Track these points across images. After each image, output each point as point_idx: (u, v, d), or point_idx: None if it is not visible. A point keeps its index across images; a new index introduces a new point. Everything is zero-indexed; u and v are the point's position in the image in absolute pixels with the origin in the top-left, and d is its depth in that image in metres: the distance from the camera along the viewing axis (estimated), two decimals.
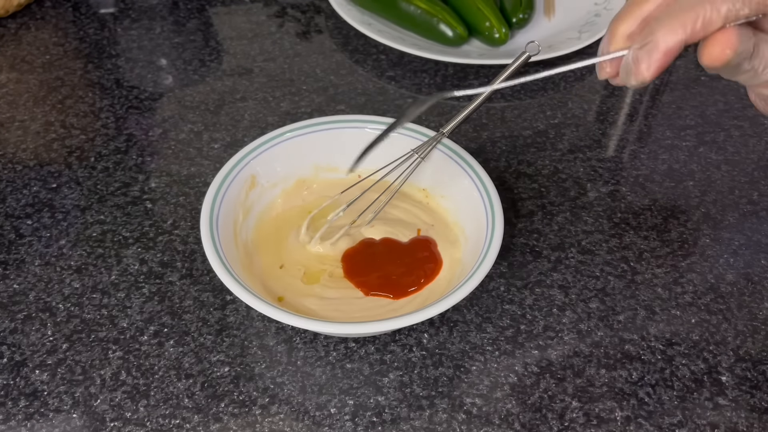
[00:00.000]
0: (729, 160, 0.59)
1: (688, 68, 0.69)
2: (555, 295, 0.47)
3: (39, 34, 0.70)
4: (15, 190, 0.53)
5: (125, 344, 0.44)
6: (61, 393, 0.41)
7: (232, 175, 0.46)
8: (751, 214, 0.54)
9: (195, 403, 0.41)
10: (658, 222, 0.53)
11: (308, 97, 0.63)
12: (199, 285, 0.47)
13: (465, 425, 0.40)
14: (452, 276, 0.45)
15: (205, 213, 0.43)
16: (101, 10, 0.73)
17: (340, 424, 0.40)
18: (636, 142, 0.61)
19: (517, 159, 0.58)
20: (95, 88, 0.63)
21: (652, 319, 0.46)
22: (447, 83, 0.66)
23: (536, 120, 0.62)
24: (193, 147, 0.58)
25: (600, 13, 0.73)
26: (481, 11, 0.68)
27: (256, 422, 0.40)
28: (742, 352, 0.45)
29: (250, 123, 0.60)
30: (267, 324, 0.45)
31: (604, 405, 0.42)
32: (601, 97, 0.65)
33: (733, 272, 0.50)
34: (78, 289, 0.47)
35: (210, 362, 0.43)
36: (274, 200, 0.50)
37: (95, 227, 0.51)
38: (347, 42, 0.71)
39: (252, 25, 0.72)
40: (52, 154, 0.57)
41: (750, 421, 0.41)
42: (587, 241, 0.51)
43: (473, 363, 0.43)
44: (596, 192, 0.55)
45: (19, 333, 0.44)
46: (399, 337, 0.45)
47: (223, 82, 0.65)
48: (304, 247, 0.47)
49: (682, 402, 0.42)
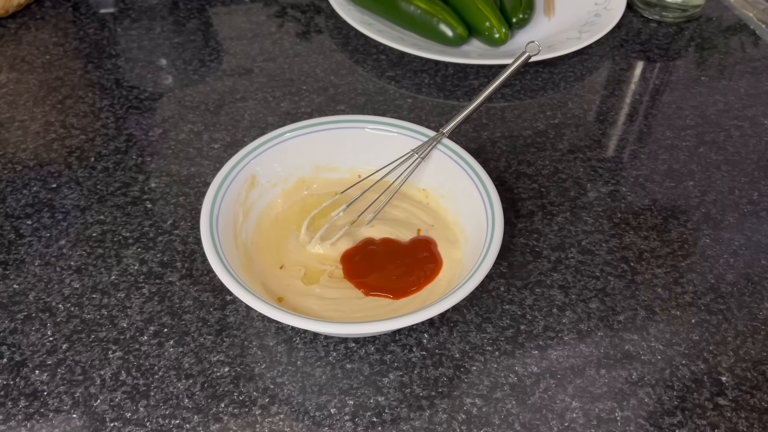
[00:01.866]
0: (729, 160, 0.59)
1: (688, 68, 0.69)
2: (555, 295, 0.47)
3: (39, 34, 0.70)
4: (15, 190, 0.53)
5: (125, 344, 0.44)
6: (61, 393, 0.41)
7: (232, 175, 0.46)
8: (751, 214, 0.54)
9: (195, 404, 0.41)
10: (658, 222, 0.53)
11: (308, 97, 0.63)
12: (199, 285, 0.47)
13: (465, 425, 0.40)
14: (452, 276, 0.45)
15: (205, 213, 0.43)
16: (101, 10, 0.73)
17: (340, 424, 0.40)
18: (636, 142, 0.61)
19: (517, 159, 0.58)
20: (95, 88, 0.63)
21: (652, 319, 0.46)
22: (447, 83, 0.66)
23: (536, 120, 0.62)
24: (193, 147, 0.58)
25: (600, 13, 0.73)
26: (481, 11, 0.68)
27: (256, 422, 0.40)
28: (742, 352, 0.45)
29: (250, 123, 0.60)
30: (267, 324, 0.45)
31: (604, 405, 0.42)
32: (601, 97, 0.65)
33: (733, 272, 0.50)
34: (78, 289, 0.47)
35: (210, 362, 0.43)
36: (274, 200, 0.50)
37: (95, 227, 0.51)
38: (347, 42, 0.71)
39: (252, 25, 0.72)
40: (52, 154, 0.57)
41: (750, 421, 0.41)
42: (587, 241, 0.51)
43: (473, 363, 0.43)
44: (596, 192, 0.55)
45: (19, 333, 0.44)
46: (399, 337, 0.45)
47: (223, 82, 0.65)
48: (304, 248, 0.47)
49: (682, 402, 0.42)
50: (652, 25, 0.75)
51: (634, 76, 0.68)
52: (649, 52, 0.71)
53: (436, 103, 0.63)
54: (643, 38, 0.73)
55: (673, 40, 0.73)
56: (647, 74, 0.69)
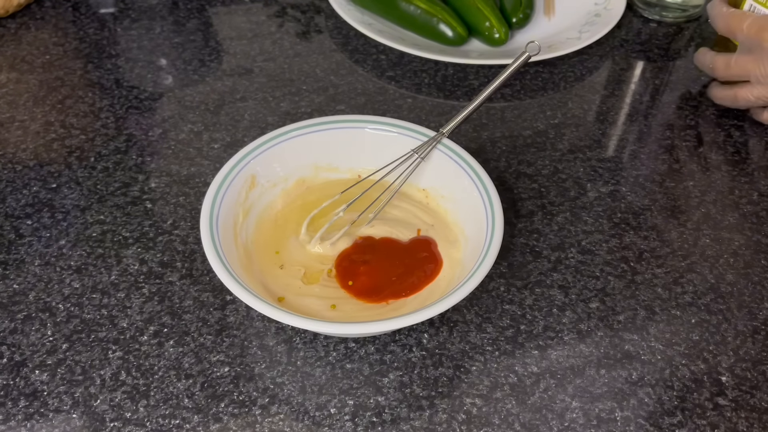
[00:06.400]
0: (729, 160, 0.59)
1: (688, 68, 0.69)
2: (555, 295, 0.47)
3: (39, 34, 0.70)
4: (15, 190, 0.53)
5: (125, 344, 0.44)
6: (61, 393, 0.41)
7: (232, 175, 0.46)
8: (751, 214, 0.54)
9: (195, 403, 0.41)
10: (658, 222, 0.53)
11: (308, 97, 0.63)
12: (199, 285, 0.47)
13: (465, 425, 0.40)
14: (452, 276, 0.45)
15: (205, 213, 0.43)
16: (101, 10, 0.73)
17: (340, 424, 0.40)
18: (636, 142, 0.61)
19: (517, 159, 0.58)
20: (95, 88, 0.63)
21: (652, 319, 0.46)
22: (447, 83, 0.66)
23: (536, 120, 0.62)
24: (193, 147, 0.58)
25: (600, 13, 0.73)
26: (481, 11, 0.68)
27: (256, 422, 0.40)
28: (742, 352, 0.45)
29: (250, 123, 0.60)
30: (267, 324, 0.45)
31: (604, 405, 0.42)
32: (601, 97, 0.65)
33: (733, 272, 0.50)
34: (78, 289, 0.47)
35: (210, 362, 0.43)
36: (274, 200, 0.50)
37: (95, 227, 0.51)
38: (347, 42, 0.71)
39: (252, 25, 0.72)
40: (52, 154, 0.57)
41: (750, 421, 0.41)
42: (587, 241, 0.51)
43: (473, 363, 0.43)
44: (596, 192, 0.55)
45: (19, 333, 0.44)
46: (399, 337, 0.45)
47: (223, 82, 0.65)
48: (304, 247, 0.47)
49: (682, 402, 0.42)
50: (652, 25, 0.75)
51: (634, 76, 0.68)
52: (649, 52, 0.71)
53: (436, 103, 0.63)
54: (643, 38, 0.73)
55: (673, 40, 0.73)
56: (647, 74, 0.69)
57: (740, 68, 0.58)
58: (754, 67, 0.56)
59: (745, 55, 0.57)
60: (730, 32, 0.59)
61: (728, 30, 0.59)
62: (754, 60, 0.56)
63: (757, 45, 0.56)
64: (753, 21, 0.56)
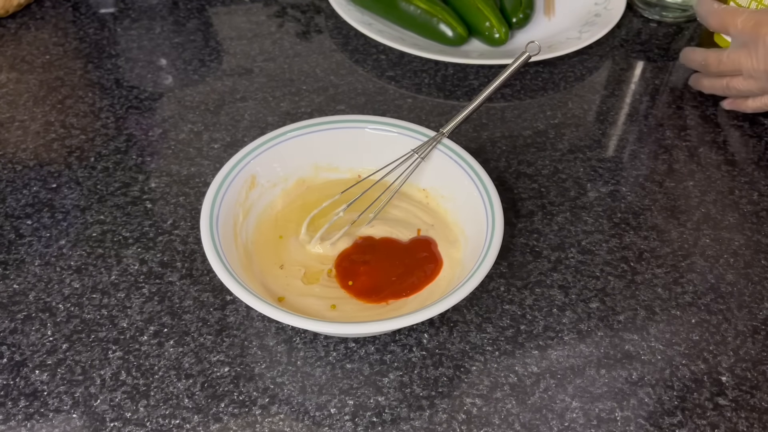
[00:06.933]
0: (729, 160, 0.59)
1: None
2: (555, 295, 0.47)
3: (39, 34, 0.70)
4: (15, 190, 0.53)
5: (125, 344, 0.44)
6: (61, 393, 0.41)
7: (232, 175, 0.46)
8: (751, 214, 0.54)
9: (195, 403, 0.41)
10: (658, 222, 0.53)
11: (308, 97, 0.63)
12: (199, 285, 0.47)
13: (465, 425, 0.40)
14: (452, 276, 0.45)
15: (205, 213, 0.43)
16: (101, 10, 0.73)
17: (340, 424, 0.40)
18: (636, 142, 0.61)
19: (517, 159, 0.58)
20: (95, 88, 0.63)
21: (652, 319, 0.46)
22: (447, 83, 0.66)
23: (536, 120, 0.62)
24: (193, 147, 0.58)
25: (600, 13, 0.73)
26: (481, 11, 0.68)
27: (256, 422, 0.40)
28: (742, 352, 0.45)
29: (250, 123, 0.60)
30: (267, 324, 0.45)
31: (604, 405, 0.42)
32: (601, 97, 0.65)
33: (733, 272, 0.50)
34: (78, 289, 0.47)
35: (210, 362, 0.43)
36: (274, 200, 0.50)
37: (95, 227, 0.51)
38: (347, 42, 0.71)
39: (252, 25, 0.72)
40: (52, 154, 0.57)
41: (750, 421, 0.41)
42: (587, 241, 0.51)
43: (473, 363, 0.43)
44: (596, 192, 0.55)
45: (19, 333, 0.44)
46: (399, 337, 0.45)
47: (223, 82, 0.65)
48: (304, 247, 0.47)
49: (682, 402, 0.42)
50: (652, 25, 0.75)
51: (634, 76, 0.68)
52: (649, 52, 0.71)
53: (436, 103, 0.63)
54: (643, 38, 0.73)
55: (673, 40, 0.73)
56: (647, 74, 0.69)
57: (733, 63, 0.58)
58: (747, 61, 0.57)
59: (738, 50, 0.57)
60: (723, 28, 0.59)
61: (722, 26, 0.59)
62: (748, 54, 0.56)
63: (752, 40, 0.56)
64: (748, 16, 0.56)
